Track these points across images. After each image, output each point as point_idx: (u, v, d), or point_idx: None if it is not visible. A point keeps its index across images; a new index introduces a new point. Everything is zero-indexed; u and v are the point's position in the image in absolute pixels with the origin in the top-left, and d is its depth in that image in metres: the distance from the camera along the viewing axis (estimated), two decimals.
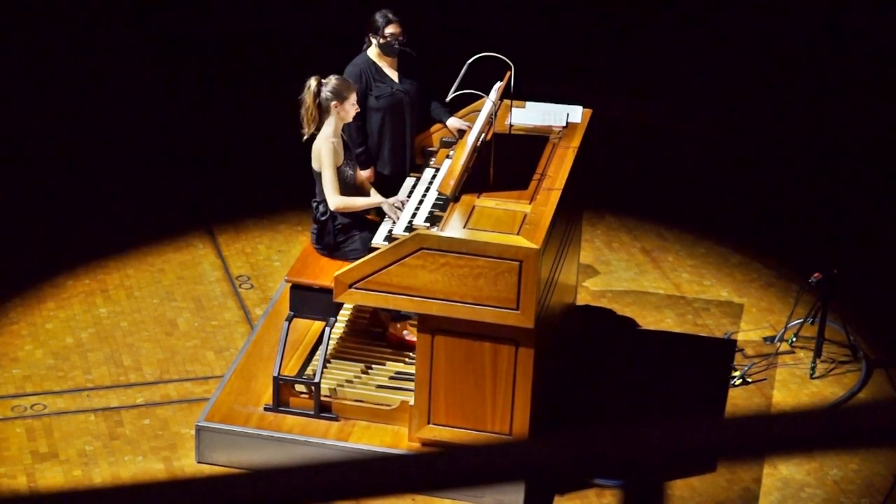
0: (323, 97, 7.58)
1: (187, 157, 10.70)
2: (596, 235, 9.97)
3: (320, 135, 7.63)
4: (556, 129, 8.23)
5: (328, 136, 7.60)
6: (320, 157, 7.59)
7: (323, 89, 7.58)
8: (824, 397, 8.47)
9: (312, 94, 7.58)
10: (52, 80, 11.75)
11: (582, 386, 8.42)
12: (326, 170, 7.57)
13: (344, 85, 7.63)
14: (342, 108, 7.59)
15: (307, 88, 7.60)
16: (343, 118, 7.64)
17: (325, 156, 7.57)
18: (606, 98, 11.27)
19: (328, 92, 7.58)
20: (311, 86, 7.60)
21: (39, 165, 10.50)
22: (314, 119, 7.62)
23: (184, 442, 7.78)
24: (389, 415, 7.59)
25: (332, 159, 7.57)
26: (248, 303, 9.05)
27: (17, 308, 8.89)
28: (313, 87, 7.59)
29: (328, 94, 7.57)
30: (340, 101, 7.58)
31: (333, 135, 7.62)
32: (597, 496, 7.50)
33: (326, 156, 7.56)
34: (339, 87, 7.60)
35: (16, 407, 8.05)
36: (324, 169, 7.58)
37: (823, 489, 7.72)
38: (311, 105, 7.59)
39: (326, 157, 7.57)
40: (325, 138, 7.60)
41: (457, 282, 7.06)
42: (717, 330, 9.04)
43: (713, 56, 12.67)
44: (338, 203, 7.61)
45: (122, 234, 9.68)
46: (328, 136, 7.60)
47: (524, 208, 7.38)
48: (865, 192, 10.73)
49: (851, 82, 12.39)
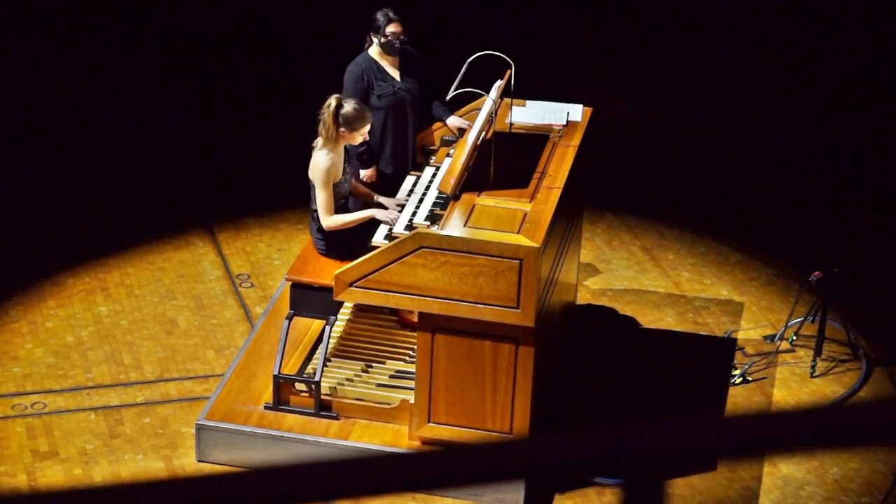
0: (339, 120, 7.57)
1: (187, 156, 10.70)
2: (596, 234, 9.97)
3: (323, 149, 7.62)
4: (557, 128, 8.23)
5: (329, 152, 7.60)
6: (318, 171, 7.58)
7: (340, 112, 7.57)
8: (825, 396, 8.47)
9: (332, 115, 7.56)
10: (53, 77, 11.74)
11: (582, 384, 8.42)
12: (321, 189, 7.55)
13: (358, 116, 7.57)
14: (350, 137, 7.60)
15: (327, 107, 7.58)
16: (349, 141, 7.65)
17: (321, 173, 7.55)
18: (607, 96, 11.26)
19: (341, 117, 7.56)
20: (332, 105, 7.57)
21: (39, 164, 10.49)
22: (332, 139, 7.60)
23: (184, 440, 7.78)
24: (390, 413, 7.59)
25: (327, 178, 7.54)
26: (249, 301, 9.05)
27: (17, 306, 8.89)
28: (333, 107, 7.57)
29: (340, 119, 7.57)
30: (350, 130, 7.57)
31: (336, 151, 7.62)
32: (597, 495, 7.51)
33: (323, 174, 7.54)
34: (352, 117, 7.55)
35: (16, 405, 8.05)
36: (319, 187, 7.56)
37: (824, 487, 7.72)
38: (331, 125, 7.57)
39: (322, 174, 7.54)
40: (325, 153, 7.59)
41: (457, 280, 7.06)
42: (718, 328, 9.04)
43: (713, 55, 12.66)
44: (330, 223, 7.61)
45: (123, 232, 9.68)
46: (329, 151, 7.60)
47: (524, 207, 7.38)
48: (866, 190, 10.72)
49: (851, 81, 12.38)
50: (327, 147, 7.59)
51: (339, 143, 7.63)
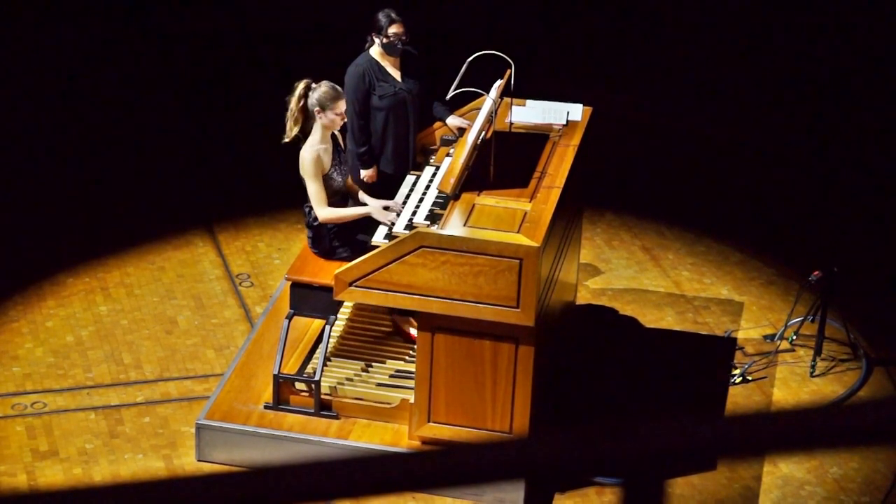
0: (309, 103, 7.51)
1: (187, 155, 10.70)
2: (596, 233, 9.97)
3: (307, 142, 7.55)
4: (557, 128, 8.23)
5: (313, 145, 7.53)
6: (304, 163, 7.53)
7: (310, 94, 7.50)
8: (824, 395, 8.47)
9: (297, 98, 7.51)
10: (51, 77, 11.74)
11: (582, 384, 8.41)
12: (311, 181, 7.50)
13: (331, 94, 7.48)
14: (325, 117, 7.47)
15: (294, 91, 7.54)
16: (328, 127, 7.53)
17: (307, 166, 7.49)
18: (607, 96, 11.26)
19: (313, 99, 7.47)
20: (299, 89, 7.51)
21: (39, 164, 10.49)
22: (297, 123, 7.53)
23: (184, 440, 7.78)
24: (390, 413, 7.59)
25: (315, 169, 7.49)
26: (249, 301, 9.05)
27: (17, 306, 8.89)
28: (300, 91, 7.51)
29: (313, 100, 7.48)
30: (323, 109, 7.48)
31: (320, 142, 7.54)
32: (597, 494, 7.51)
33: (309, 166, 7.48)
34: (324, 96, 7.46)
35: (16, 405, 8.05)
36: (308, 180, 7.52)
37: (823, 487, 7.72)
38: (295, 108, 7.50)
39: (309, 167, 7.49)
40: (310, 146, 7.53)
41: (457, 280, 7.06)
42: (718, 328, 9.04)
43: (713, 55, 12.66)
44: (325, 216, 7.57)
45: (123, 232, 9.68)
46: (314, 143, 7.53)
47: (524, 206, 7.38)
48: (866, 190, 10.72)
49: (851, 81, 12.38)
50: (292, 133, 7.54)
51: (322, 130, 7.50)
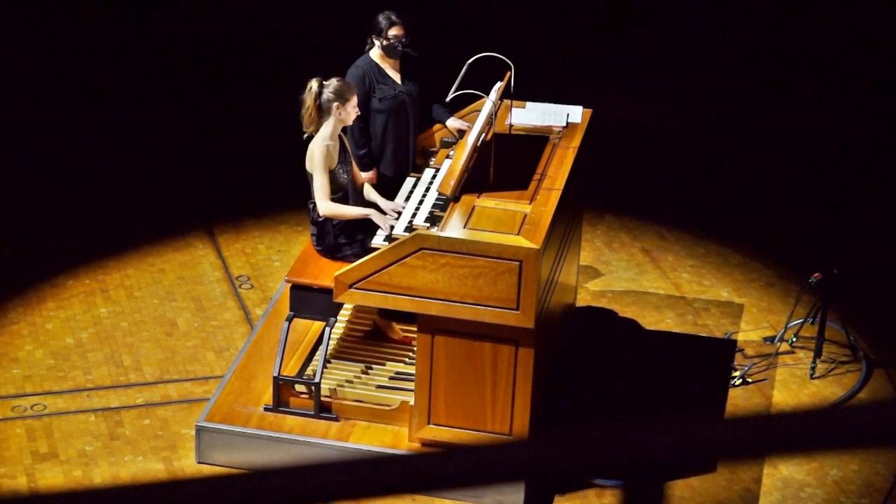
0: (324, 98, 7.57)
1: (187, 157, 10.70)
2: (596, 235, 9.97)
3: (317, 136, 7.62)
4: (557, 130, 8.23)
5: (324, 139, 7.59)
6: (313, 157, 7.58)
7: (325, 91, 7.57)
8: (824, 397, 8.47)
9: (314, 96, 7.57)
10: (52, 79, 11.75)
11: (582, 386, 8.41)
12: (318, 173, 7.55)
13: (346, 87, 7.62)
14: (343, 110, 7.58)
15: (308, 89, 7.59)
16: (343, 120, 7.62)
17: (317, 158, 7.55)
18: (607, 98, 11.27)
19: (330, 93, 7.56)
20: (313, 87, 7.58)
21: (39, 164, 10.49)
22: (314, 120, 7.61)
23: (184, 442, 7.78)
24: (389, 415, 7.59)
25: (323, 163, 7.55)
26: (248, 303, 9.05)
27: (17, 308, 8.89)
28: (315, 89, 7.57)
29: (330, 95, 7.56)
30: (342, 102, 7.57)
31: (329, 137, 7.60)
32: (597, 496, 7.50)
33: (318, 159, 7.55)
34: (341, 88, 7.59)
35: (16, 407, 8.05)
36: (315, 172, 7.56)
37: (824, 489, 7.72)
38: (312, 106, 7.58)
39: (318, 160, 7.55)
40: (320, 140, 7.59)
41: (457, 282, 7.06)
42: (718, 330, 9.04)
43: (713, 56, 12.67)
44: (326, 210, 7.59)
45: (123, 234, 9.68)
46: (324, 138, 7.59)
47: (524, 208, 7.38)
48: (866, 191, 10.72)
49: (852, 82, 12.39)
50: (310, 130, 7.59)
51: (334, 125, 7.57)
